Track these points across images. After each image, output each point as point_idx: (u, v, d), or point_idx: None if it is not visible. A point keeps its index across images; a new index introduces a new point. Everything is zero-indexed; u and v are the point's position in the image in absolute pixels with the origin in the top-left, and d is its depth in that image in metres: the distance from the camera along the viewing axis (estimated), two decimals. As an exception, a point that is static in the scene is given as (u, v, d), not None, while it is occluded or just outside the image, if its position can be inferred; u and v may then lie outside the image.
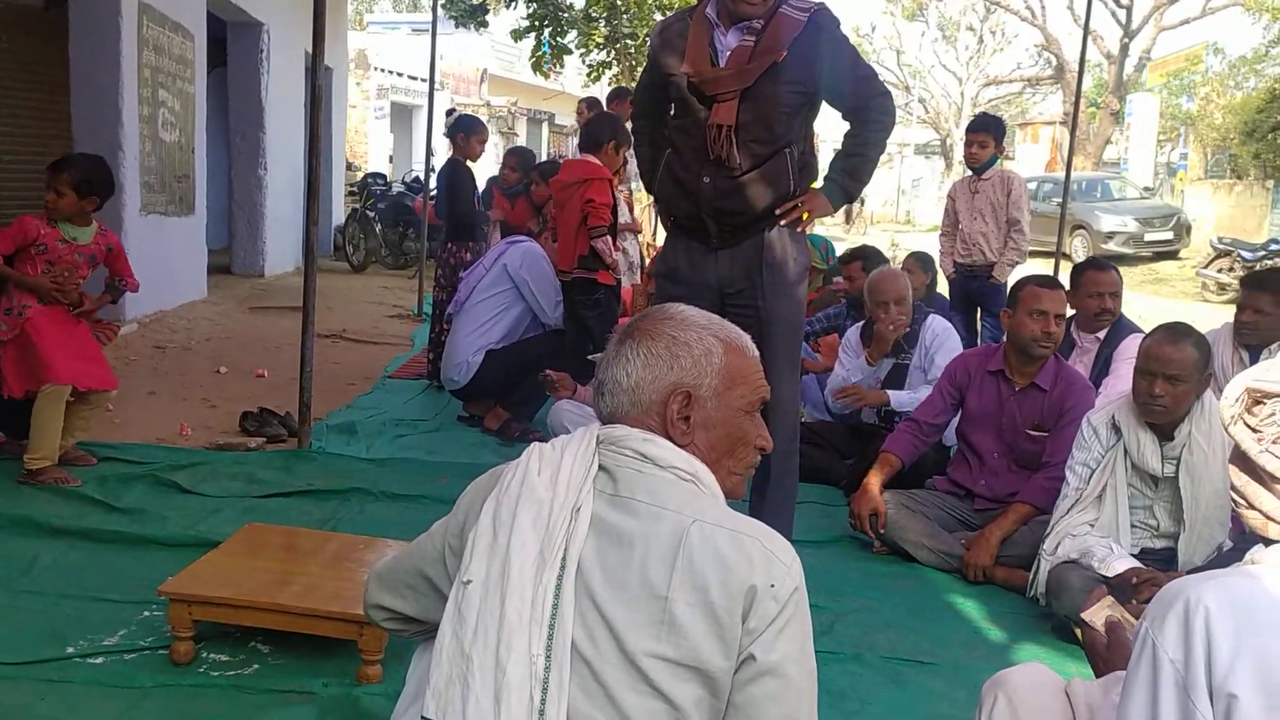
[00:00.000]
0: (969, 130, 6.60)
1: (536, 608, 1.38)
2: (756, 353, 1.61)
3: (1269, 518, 1.34)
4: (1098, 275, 4.41)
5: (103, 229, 4.23)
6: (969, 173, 6.55)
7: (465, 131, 6.44)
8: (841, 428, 4.88)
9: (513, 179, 6.84)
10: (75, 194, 4.01)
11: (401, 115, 24.65)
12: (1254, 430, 1.37)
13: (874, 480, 3.85)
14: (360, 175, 16.23)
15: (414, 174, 14.67)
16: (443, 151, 8.25)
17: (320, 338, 6.80)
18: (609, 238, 5.18)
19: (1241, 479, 1.40)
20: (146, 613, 2.87)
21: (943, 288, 6.70)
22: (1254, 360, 3.89)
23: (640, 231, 8.11)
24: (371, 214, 12.73)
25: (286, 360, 6.03)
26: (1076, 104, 8.15)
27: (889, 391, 4.63)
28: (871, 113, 3.24)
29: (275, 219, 11.01)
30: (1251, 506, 1.38)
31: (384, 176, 15.30)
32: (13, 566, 3.16)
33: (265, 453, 4.66)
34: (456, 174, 6.41)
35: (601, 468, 1.48)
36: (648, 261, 7.04)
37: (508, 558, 1.41)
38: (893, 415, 4.65)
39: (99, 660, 2.62)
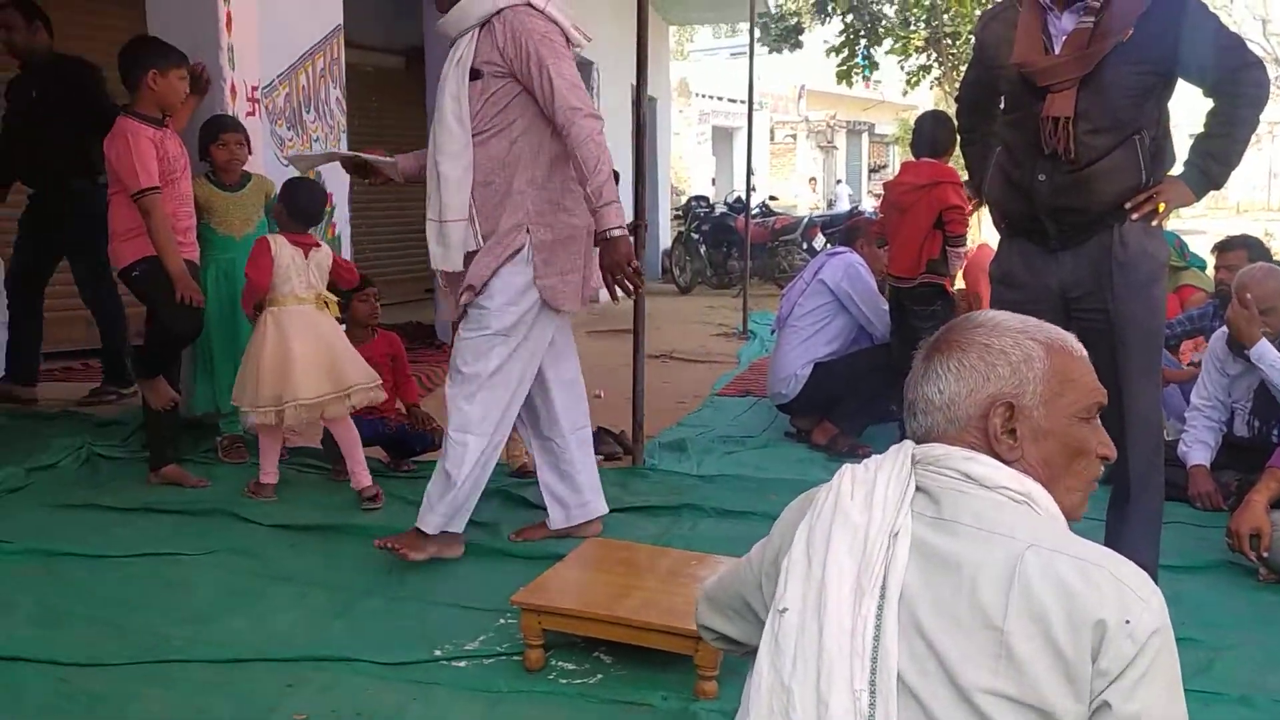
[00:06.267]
0: None
1: (857, 639, 1.31)
2: (1084, 352, 1.46)
3: None
4: None
5: None
6: None
7: None
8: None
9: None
10: None
11: (722, 138, 25.17)
12: None
13: (1259, 497, 3.40)
14: (684, 199, 16.67)
15: (735, 194, 14.89)
16: (762, 171, 8.24)
17: (651, 358, 7.02)
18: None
19: None
20: (502, 620, 3.05)
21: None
22: None
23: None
24: (696, 236, 13.04)
25: (622, 381, 6.27)
26: None
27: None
28: (1240, 85, 2.87)
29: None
30: None
31: (707, 199, 15.61)
32: (391, 576, 3.44)
33: (603, 469, 4.84)
34: None
35: (920, 489, 1.39)
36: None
37: (824, 585, 1.36)
38: (1271, 427, 4.12)
39: (462, 664, 2.81)
